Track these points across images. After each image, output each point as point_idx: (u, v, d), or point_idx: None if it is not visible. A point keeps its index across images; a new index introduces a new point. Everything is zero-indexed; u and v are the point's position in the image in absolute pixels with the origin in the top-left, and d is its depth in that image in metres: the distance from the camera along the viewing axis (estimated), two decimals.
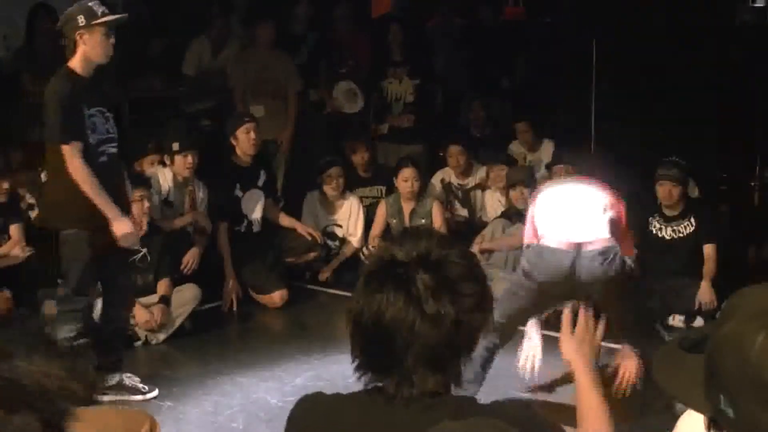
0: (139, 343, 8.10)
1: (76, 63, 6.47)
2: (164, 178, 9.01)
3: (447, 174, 10.51)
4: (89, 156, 6.42)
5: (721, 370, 1.66)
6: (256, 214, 9.45)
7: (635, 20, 11.14)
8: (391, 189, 10.21)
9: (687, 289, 8.42)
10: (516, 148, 10.87)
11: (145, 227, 8.21)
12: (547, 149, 10.75)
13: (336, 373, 7.35)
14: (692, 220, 8.62)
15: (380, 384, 2.46)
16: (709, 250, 8.53)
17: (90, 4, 6.46)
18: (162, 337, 8.21)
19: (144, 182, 8.62)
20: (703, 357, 1.73)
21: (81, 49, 6.44)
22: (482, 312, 2.44)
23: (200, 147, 9.15)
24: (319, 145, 10.98)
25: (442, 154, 10.79)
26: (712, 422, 1.73)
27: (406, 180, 9.78)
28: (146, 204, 8.30)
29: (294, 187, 10.49)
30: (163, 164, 9.14)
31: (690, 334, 1.89)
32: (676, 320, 8.37)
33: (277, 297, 9.17)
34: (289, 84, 10.74)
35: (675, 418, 2.64)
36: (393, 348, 2.37)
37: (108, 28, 6.45)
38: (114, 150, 6.62)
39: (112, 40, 6.48)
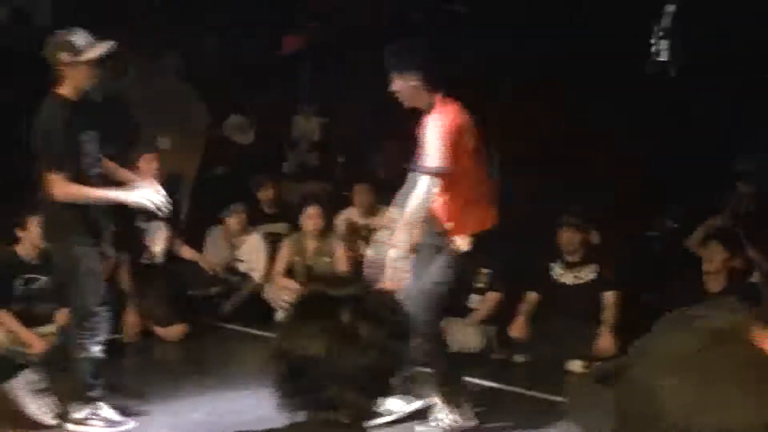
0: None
1: (65, 90, 6.55)
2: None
3: (352, 214, 10.52)
4: (80, 180, 6.57)
5: (629, 409, 1.67)
6: (159, 246, 9.37)
7: (539, 64, 11.29)
8: (296, 227, 10.19)
9: (587, 334, 8.51)
10: None
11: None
12: None
13: (233, 407, 7.31)
14: (593, 266, 8.74)
15: (305, 412, 2.53)
16: (609, 297, 8.64)
17: (71, 38, 6.51)
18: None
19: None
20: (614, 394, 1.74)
21: (69, 81, 6.54)
22: (403, 338, 2.58)
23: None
24: (224, 180, 10.95)
25: (346, 193, 10.81)
26: None
27: (310, 217, 9.78)
28: None
29: (197, 221, 10.42)
30: None
31: (605, 366, 1.91)
32: (575, 365, 8.43)
33: (177, 330, 9.10)
34: (196, 116, 10.69)
35: None
36: (317, 378, 2.47)
37: (93, 61, 6.55)
38: (99, 170, 6.78)
39: (99, 70, 6.65)
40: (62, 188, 6.48)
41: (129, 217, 9.22)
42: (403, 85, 6.63)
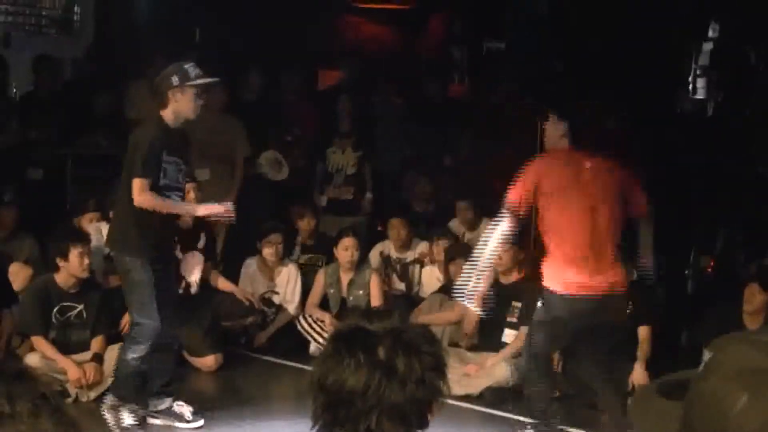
0: (69, 399, 7.99)
1: (167, 114, 7.18)
2: (106, 233, 8.96)
3: (386, 247, 10.55)
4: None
5: (697, 425, 1.66)
6: (195, 276, 9.40)
7: (579, 101, 11.29)
8: (331, 259, 10.22)
9: (620, 370, 8.48)
10: (455, 225, 10.91)
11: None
12: (485, 228, 10.77)
13: None
14: (629, 302, 8.69)
15: None
16: (643, 332, 8.61)
17: (186, 66, 7.24)
18: (93, 395, 8.13)
19: (83, 238, 8.54)
20: (681, 406, 1.72)
21: (172, 105, 7.15)
22: (440, 370, 2.59)
23: None
24: (261, 211, 10.97)
25: (381, 228, 10.83)
26: None
27: (346, 249, 9.80)
28: (86, 260, 8.25)
29: (233, 252, 10.46)
30: (107, 221, 9.08)
31: (669, 379, 1.90)
32: None
33: (211, 360, 9.12)
34: (237, 149, 10.76)
35: None
36: (355, 410, 2.49)
37: (200, 89, 7.21)
38: (179, 199, 7.35)
39: (202, 101, 7.26)
40: (143, 194, 7.00)
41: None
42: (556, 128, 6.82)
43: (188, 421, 7.56)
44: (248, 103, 11.57)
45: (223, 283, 9.66)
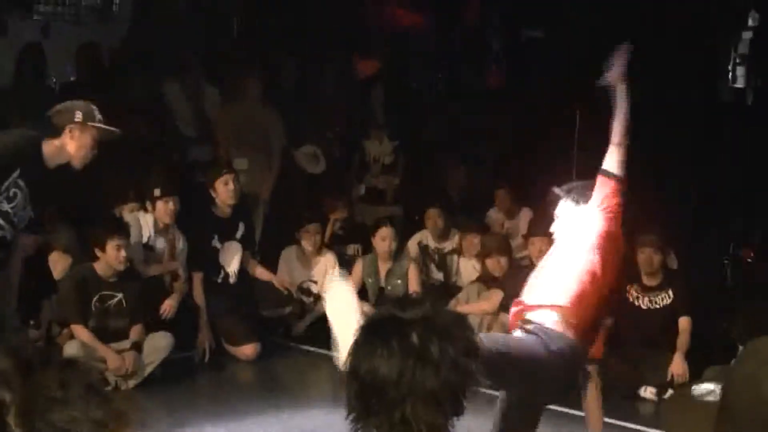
0: (108, 388, 8.02)
1: (49, 146, 6.33)
2: (146, 222, 9.00)
3: (424, 236, 10.54)
4: None
5: (735, 406, 1.70)
6: (233, 266, 9.42)
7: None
8: (367, 249, 10.22)
9: (659, 360, 8.44)
10: (494, 214, 10.92)
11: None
12: (525, 217, 10.80)
13: (305, 427, 7.33)
14: (670, 292, 8.66)
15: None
16: (684, 323, 8.56)
17: (93, 107, 6.47)
18: (132, 383, 8.17)
19: (121, 230, 8.55)
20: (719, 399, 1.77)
21: (63, 140, 6.34)
22: (474, 355, 2.58)
23: (181, 196, 9.14)
24: (298, 200, 11.00)
25: (418, 217, 10.83)
26: None
27: (383, 239, 9.79)
28: (123, 253, 8.26)
29: (271, 241, 10.48)
30: (145, 210, 9.12)
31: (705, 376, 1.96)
32: (648, 392, 8.36)
33: (249, 349, 9.13)
34: (274, 139, 10.76)
35: None
36: (390, 398, 2.48)
37: (98, 136, 6.43)
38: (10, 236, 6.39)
39: (95, 152, 6.44)
40: None
41: (205, 236, 9.32)
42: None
43: None
44: (285, 94, 11.58)
45: (261, 273, 9.67)
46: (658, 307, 8.68)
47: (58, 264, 8.88)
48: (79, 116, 6.37)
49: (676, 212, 10.30)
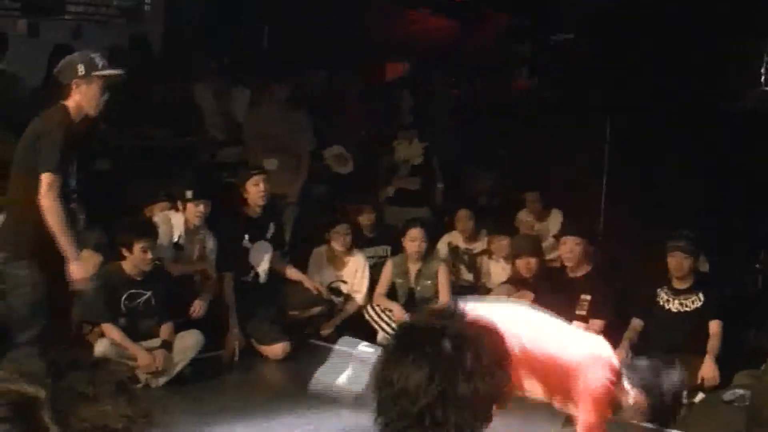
0: (139, 386, 8.04)
1: (70, 105, 6.51)
2: (176, 222, 9.03)
3: (454, 238, 10.55)
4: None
5: (764, 411, 1.70)
6: (264, 266, 9.45)
7: (649, 98, 11.22)
8: (396, 250, 10.22)
9: (688, 364, 8.39)
10: (524, 216, 10.92)
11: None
12: (555, 219, 10.80)
13: (333, 428, 7.31)
14: (700, 295, 8.62)
15: None
16: (714, 326, 8.51)
17: (92, 55, 6.56)
18: (162, 381, 8.19)
19: (148, 232, 8.56)
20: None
21: (75, 97, 6.50)
22: (505, 364, 2.60)
23: (212, 196, 9.17)
24: (326, 202, 11.04)
25: (447, 219, 10.83)
26: None
27: (413, 240, 9.80)
28: (149, 255, 8.29)
29: (299, 242, 10.50)
30: (175, 209, 9.15)
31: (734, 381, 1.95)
32: None
33: (279, 349, 9.15)
34: (302, 141, 10.78)
35: None
36: (420, 404, 2.48)
37: (104, 82, 6.54)
38: (74, 202, 6.71)
39: (106, 96, 6.57)
40: (51, 193, 6.39)
41: (235, 236, 9.34)
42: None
43: None
44: (314, 97, 11.61)
45: (291, 273, 9.69)
46: (688, 310, 8.64)
47: (89, 262, 8.90)
48: (81, 69, 6.48)
49: (707, 217, 10.25)
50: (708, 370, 8.31)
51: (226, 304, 9.17)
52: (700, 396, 8.26)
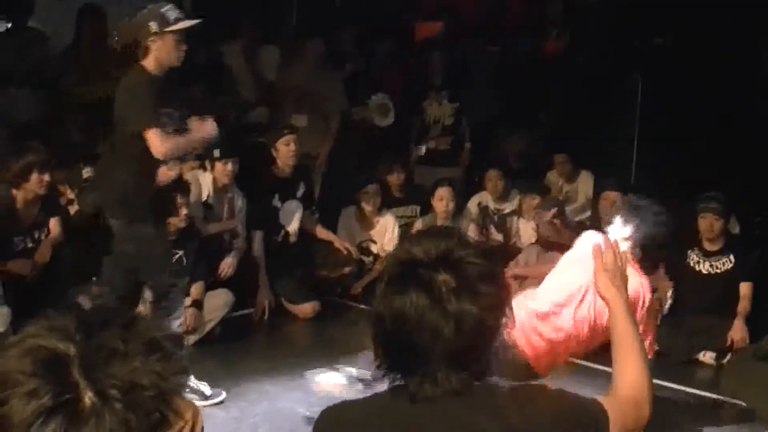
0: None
1: (149, 63, 6.49)
2: (205, 182, 9.04)
3: (484, 198, 10.52)
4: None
5: None
6: (294, 226, 9.47)
7: (680, 56, 11.14)
8: (426, 210, 10.22)
9: (718, 326, 8.38)
10: (553, 178, 10.89)
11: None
12: (584, 180, 10.76)
13: (360, 385, 7.37)
14: (731, 257, 8.58)
15: (404, 383, 2.50)
16: (745, 288, 8.48)
17: (162, 10, 6.49)
18: (192, 340, 8.22)
19: (183, 188, 8.58)
20: None
21: (153, 54, 6.47)
22: (501, 310, 2.48)
23: (241, 156, 9.17)
24: (355, 163, 11.01)
25: (477, 179, 10.81)
26: None
27: (441, 199, 9.80)
28: (184, 211, 8.31)
29: (327, 202, 10.50)
30: (204, 169, 9.16)
31: (764, 345, 1.91)
32: (707, 357, 8.32)
33: (308, 308, 9.19)
34: (333, 101, 10.75)
35: None
36: (416, 348, 2.42)
37: (180, 34, 6.49)
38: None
39: (185, 46, 6.54)
40: (164, 143, 6.38)
41: (265, 196, 9.35)
42: None
43: (207, 397, 7.08)
44: (345, 57, 11.57)
45: (321, 232, 9.71)
46: (719, 272, 8.61)
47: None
48: (154, 26, 6.44)
49: (738, 179, 10.18)
50: (738, 332, 8.29)
51: (255, 263, 9.20)
52: (729, 357, 8.25)
